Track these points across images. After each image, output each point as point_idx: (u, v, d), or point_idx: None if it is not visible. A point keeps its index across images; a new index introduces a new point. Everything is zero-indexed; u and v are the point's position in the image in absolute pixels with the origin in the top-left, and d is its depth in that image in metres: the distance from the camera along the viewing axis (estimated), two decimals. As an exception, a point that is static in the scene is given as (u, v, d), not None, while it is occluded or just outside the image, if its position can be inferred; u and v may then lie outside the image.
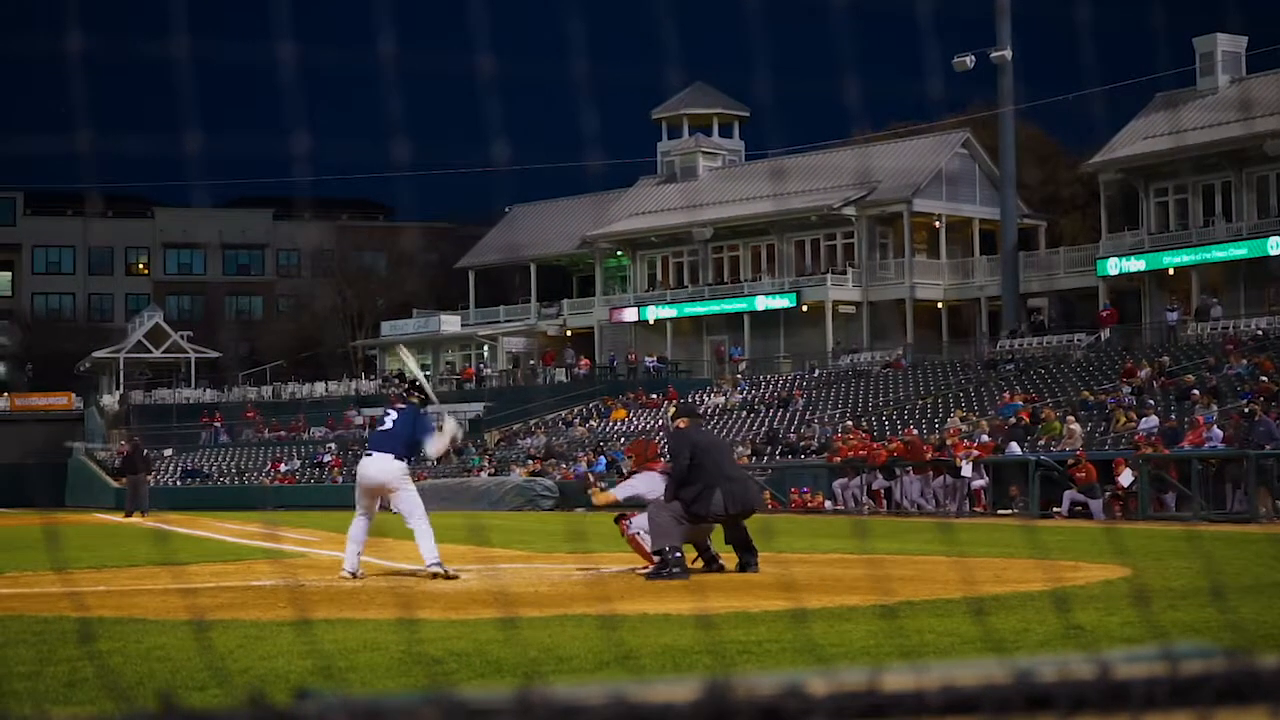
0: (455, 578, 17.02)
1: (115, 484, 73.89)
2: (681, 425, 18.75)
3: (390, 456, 17.62)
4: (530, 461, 68.55)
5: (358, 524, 17.78)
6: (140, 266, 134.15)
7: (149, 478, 56.62)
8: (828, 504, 49.34)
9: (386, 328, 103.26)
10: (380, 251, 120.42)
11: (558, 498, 60.27)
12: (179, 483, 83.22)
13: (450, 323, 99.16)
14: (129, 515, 51.44)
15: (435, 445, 18.05)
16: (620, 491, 19.38)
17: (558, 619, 12.09)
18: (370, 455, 17.83)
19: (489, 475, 68.07)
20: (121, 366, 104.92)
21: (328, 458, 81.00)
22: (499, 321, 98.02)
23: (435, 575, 17.06)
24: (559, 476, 63.67)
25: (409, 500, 17.58)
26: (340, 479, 74.08)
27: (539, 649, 9.99)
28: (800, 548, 22.54)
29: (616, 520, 18.83)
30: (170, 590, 16.31)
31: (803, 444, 59.23)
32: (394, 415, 17.96)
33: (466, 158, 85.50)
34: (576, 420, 78.11)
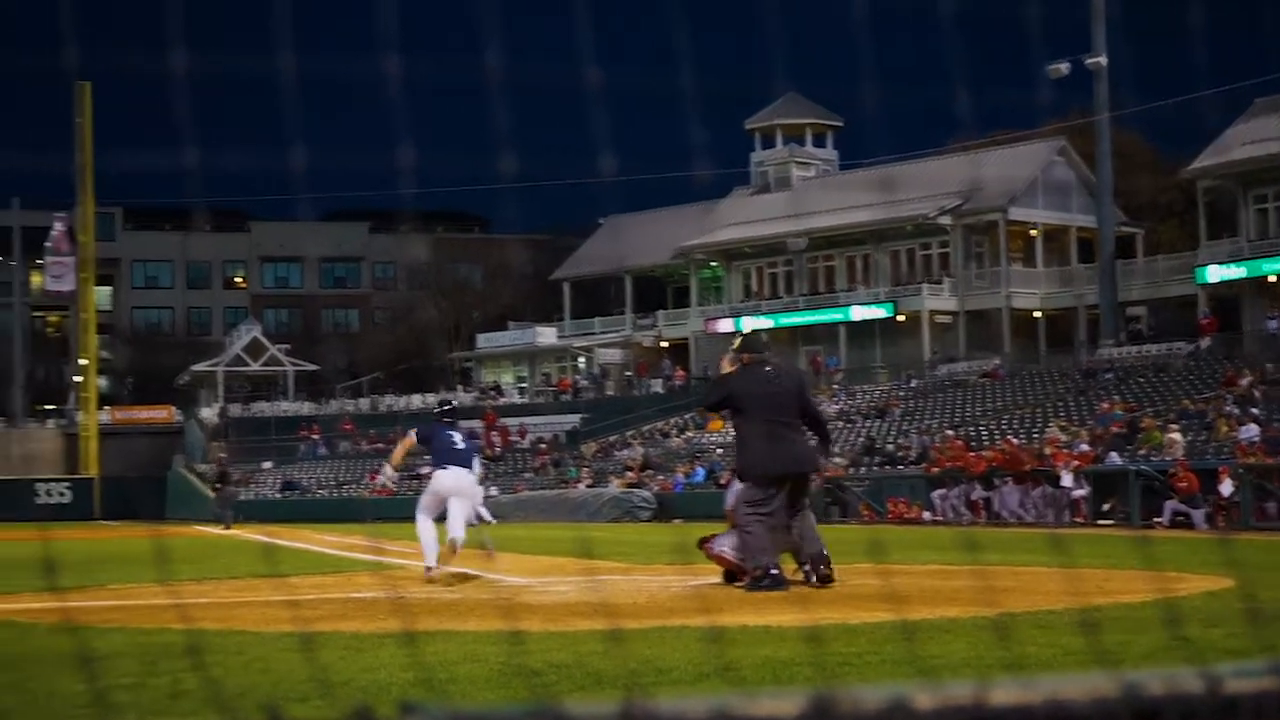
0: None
1: (214, 496, 74.69)
2: (744, 361, 17.29)
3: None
4: (627, 473, 68.57)
5: (433, 526, 20.25)
6: (238, 280, 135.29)
7: (231, 489, 59.86)
8: (926, 514, 49.13)
9: (483, 340, 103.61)
10: (476, 263, 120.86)
11: (655, 509, 60.27)
12: (278, 495, 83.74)
13: (546, 334, 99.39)
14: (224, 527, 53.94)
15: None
16: (728, 502, 18.94)
17: (657, 630, 12.09)
18: (454, 469, 20.62)
19: (586, 487, 68.13)
20: (220, 380, 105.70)
21: (424, 469, 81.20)
22: (595, 333, 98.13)
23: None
24: (656, 488, 63.67)
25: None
26: (438, 491, 74.21)
27: (639, 661, 9.99)
28: (901, 559, 22.43)
29: (700, 545, 18.25)
30: (272, 602, 16.42)
31: (900, 454, 58.99)
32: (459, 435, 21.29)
33: (563, 169, 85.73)
34: (673, 431, 78.05)
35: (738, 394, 16.86)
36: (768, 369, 17.23)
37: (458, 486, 20.19)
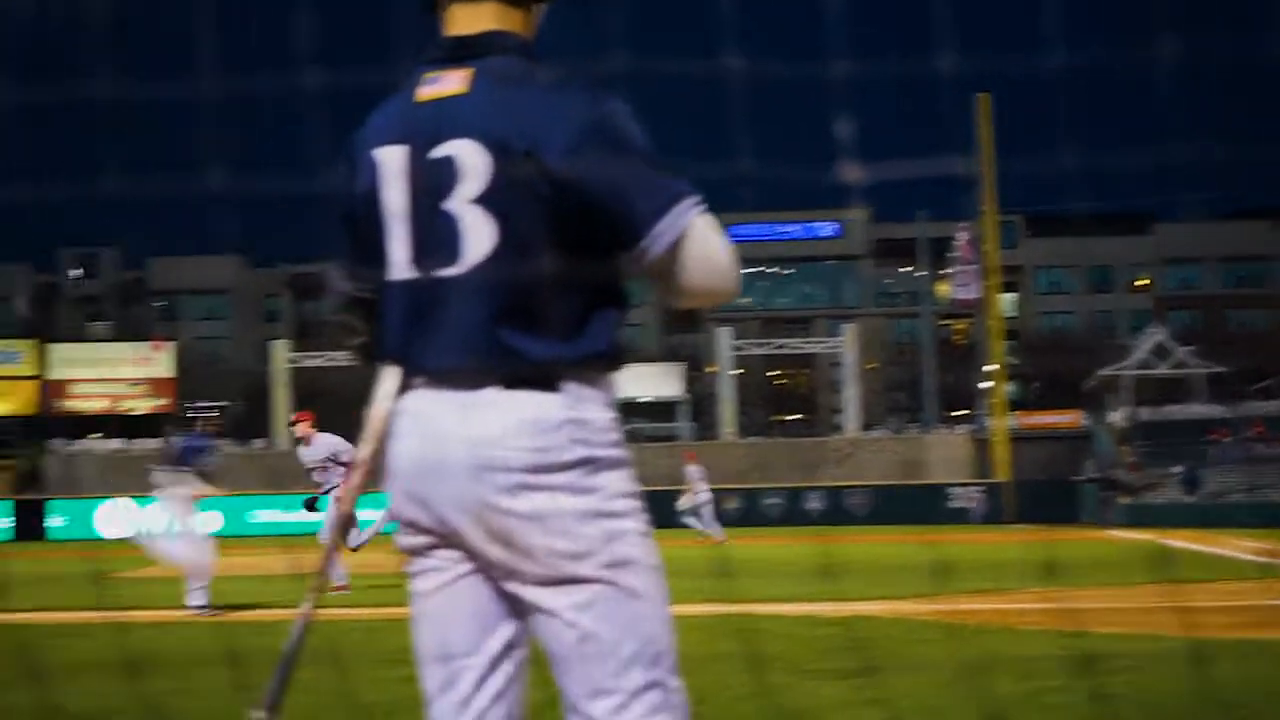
0: None
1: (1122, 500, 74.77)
2: None
3: None
4: None
5: None
6: (1140, 283, 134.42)
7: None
8: None
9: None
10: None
11: None
12: (1189, 499, 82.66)
13: None
14: None
15: None
16: None
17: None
18: None
19: None
20: (1127, 383, 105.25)
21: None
22: None
23: None
24: None
25: None
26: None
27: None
28: None
29: None
30: (1153, 609, 16.55)
31: None
32: None
33: None
34: None
35: None
36: None
37: None
